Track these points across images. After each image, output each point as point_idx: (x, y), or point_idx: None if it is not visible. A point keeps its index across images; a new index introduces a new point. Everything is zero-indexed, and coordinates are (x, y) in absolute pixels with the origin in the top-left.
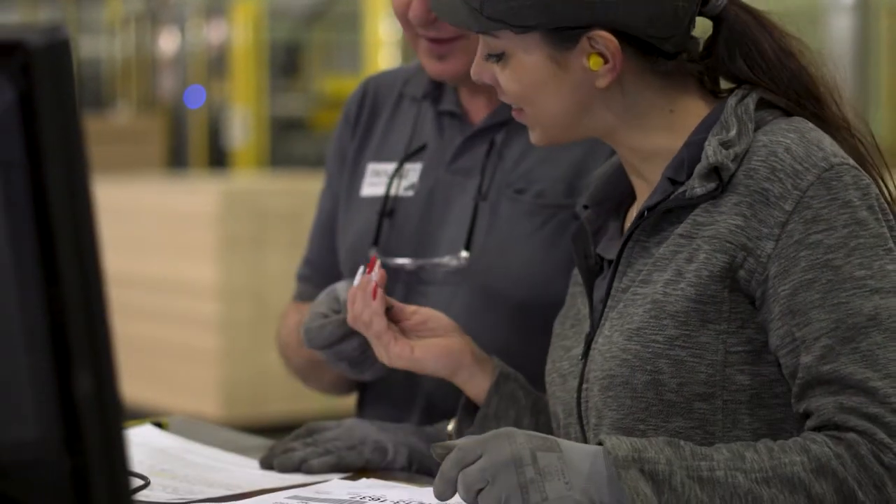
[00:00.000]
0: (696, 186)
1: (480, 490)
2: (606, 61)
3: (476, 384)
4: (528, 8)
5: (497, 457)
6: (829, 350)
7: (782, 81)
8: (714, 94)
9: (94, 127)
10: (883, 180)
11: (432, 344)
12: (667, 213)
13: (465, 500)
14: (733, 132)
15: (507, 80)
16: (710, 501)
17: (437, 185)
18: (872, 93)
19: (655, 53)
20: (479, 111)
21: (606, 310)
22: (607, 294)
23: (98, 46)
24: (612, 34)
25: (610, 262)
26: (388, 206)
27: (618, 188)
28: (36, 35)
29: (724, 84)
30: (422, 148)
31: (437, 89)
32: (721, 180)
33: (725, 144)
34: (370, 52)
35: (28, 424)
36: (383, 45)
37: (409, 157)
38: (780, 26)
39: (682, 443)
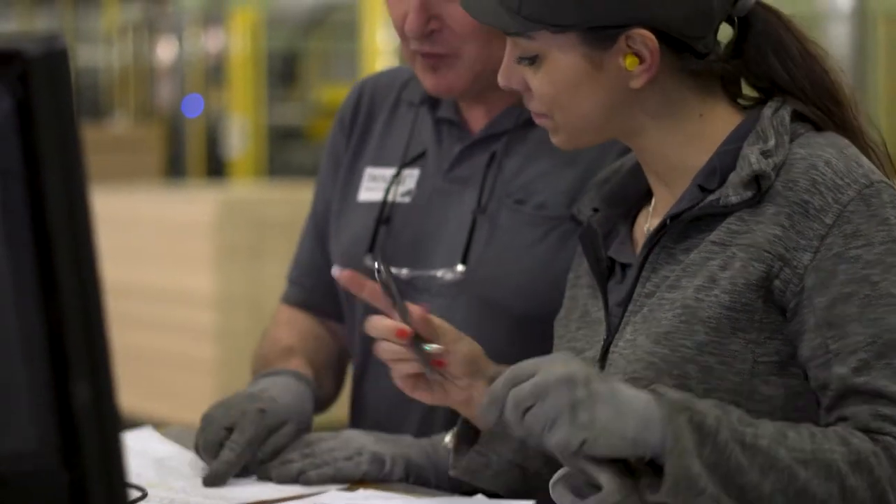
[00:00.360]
0: (731, 195)
1: (528, 409)
2: (642, 61)
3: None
4: (567, 6)
5: (550, 375)
6: (864, 364)
7: (808, 84)
8: (737, 102)
9: (92, 136)
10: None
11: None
12: (695, 220)
13: (510, 420)
14: (772, 142)
15: (541, 83)
16: (749, 466)
17: (435, 193)
18: (870, 100)
19: (688, 53)
20: (477, 120)
21: (627, 314)
22: (628, 298)
23: (96, 55)
24: (651, 32)
25: (623, 265)
26: (385, 213)
27: (630, 192)
28: (33, 44)
29: (745, 89)
30: (420, 155)
31: (432, 95)
32: (760, 189)
33: (766, 154)
34: (368, 61)
35: (26, 435)
36: (381, 55)
37: (408, 163)
38: (802, 29)
39: (730, 407)
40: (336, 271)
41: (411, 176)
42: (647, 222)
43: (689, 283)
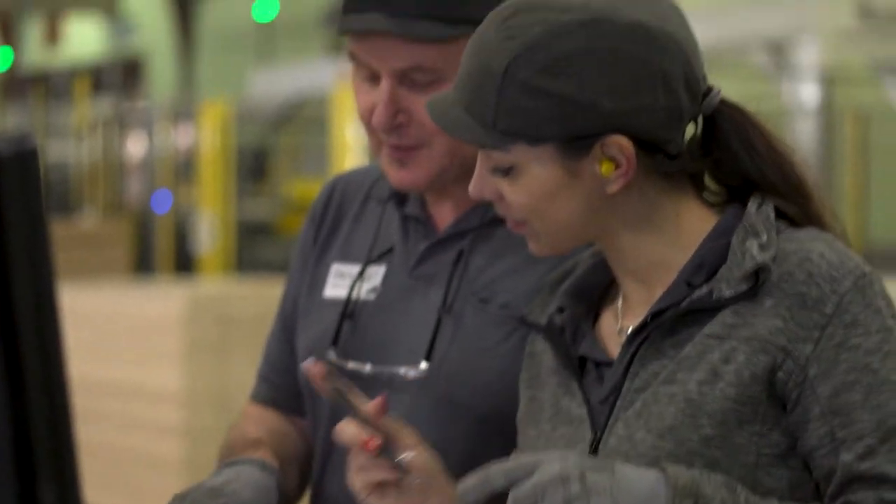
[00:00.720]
0: (725, 289)
1: None
2: (617, 166)
3: None
4: (544, 120)
5: (546, 474)
6: (869, 450)
7: (779, 179)
8: (704, 199)
9: (61, 232)
10: None
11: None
12: (682, 315)
13: None
14: (765, 237)
15: (517, 194)
16: None
17: (400, 290)
18: (837, 196)
19: (661, 154)
20: (444, 217)
21: (617, 409)
22: (614, 394)
23: (65, 150)
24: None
25: (597, 363)
26: (349, 309)
27: (592, 290)
28: (4, 144)
29: (709, 183)
30: (386, 252)
31: (399, 192)
32: (758, 282)
33: (762, 247)
34: (338, 156)
35: None
36: (351, 150)
37: (373, 260)
38: (766, 125)
39: (738, 487)
40: (308, 363)
41: (377, 273)
42: (619, 319)
43: (687, 376)
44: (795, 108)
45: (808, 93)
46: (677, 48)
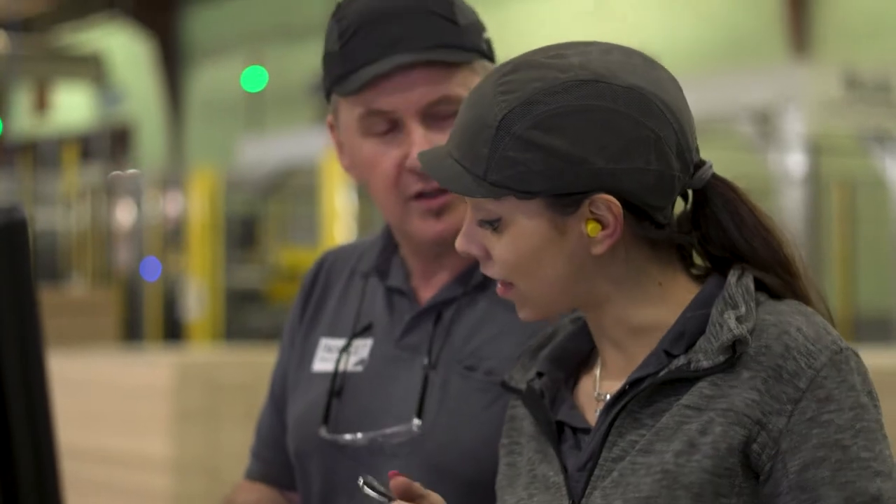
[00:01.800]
0: (703, 359)
1: None
2: (604, 227)
3: None
4: (535, 174)
5: None
6: None
7: (766, 255)
8: (690, 271)
9: (50, 299)
10: None
11: None
12: (661, 384)
13: None
14: (743, 309)
15: (502, 248)
16: None
17: (386, 361)
18: (824, 264)
19: (649, 222)
20: (427, 290)
21: (594, 479)
22: (591, 462)
23: (54, 218)
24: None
25: (575, 429)
26: (337, 383)
27: (572, 356)
28: None
29: (696, 258)
30: (372, 325)
31: (385, 264)
32: (734, 354)
33: (740, 320)
34: (326, 224)
35: None
36: (339, 218)
37: (358, 334)
38: (755, 201)
39: None
40: (361, 482)
41: (364, 346)
42: (597, 386)
43: (664, 447)
44: (782, 177)
45: (795, 162)
46: (672, 116)
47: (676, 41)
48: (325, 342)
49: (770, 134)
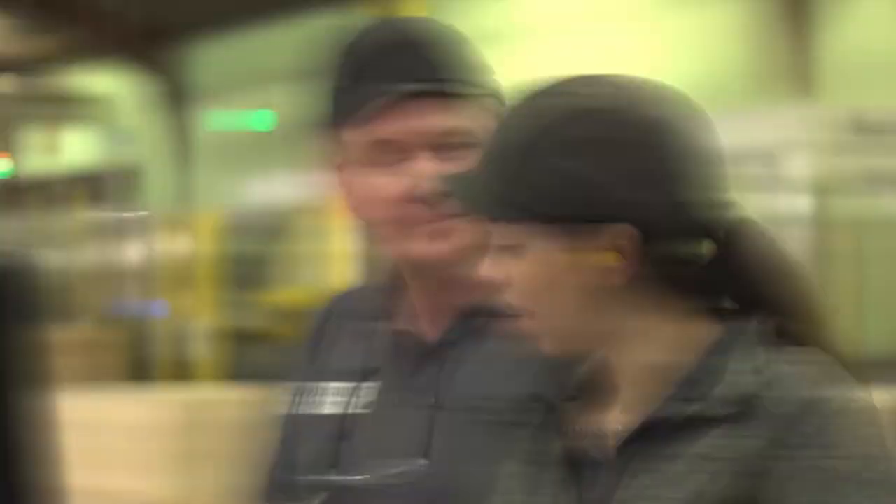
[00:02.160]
0: (718, 408)
1: None
2: (622, 258)
3: None
4: (556, 199)
5: None
6: None
7: (790, 301)
8: (710, 312)
9: (56, 338)
10: None
11: None
12: (675, 429)
13: None
14: (761, 359)
15: (523, 275)
16: None
17: (394, 403)
18: (832, 305)
19: (669, 257)
20: (434, 330)
21: None
22: (608, 498)
23: (62, 257)
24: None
25: (583, 462)
26: (345, 427)
27: (587, 390)
28: (2, 258)
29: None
30: (378, 368)
31: (391, 306)
32: (749, 406)
33: (756, 371)
34: (331, 265)
35: None
36: (344, 259)
37: (365, 377)
38: (784, 247)
39: None
40: None
41: (371, 389)
42: (611, 420)
43: (673, 493)
44: (789, 218)
45: (802, 203)
46: (700, 153)
47: (682, 82)
48: (332, 386)
49: (777, 175)
